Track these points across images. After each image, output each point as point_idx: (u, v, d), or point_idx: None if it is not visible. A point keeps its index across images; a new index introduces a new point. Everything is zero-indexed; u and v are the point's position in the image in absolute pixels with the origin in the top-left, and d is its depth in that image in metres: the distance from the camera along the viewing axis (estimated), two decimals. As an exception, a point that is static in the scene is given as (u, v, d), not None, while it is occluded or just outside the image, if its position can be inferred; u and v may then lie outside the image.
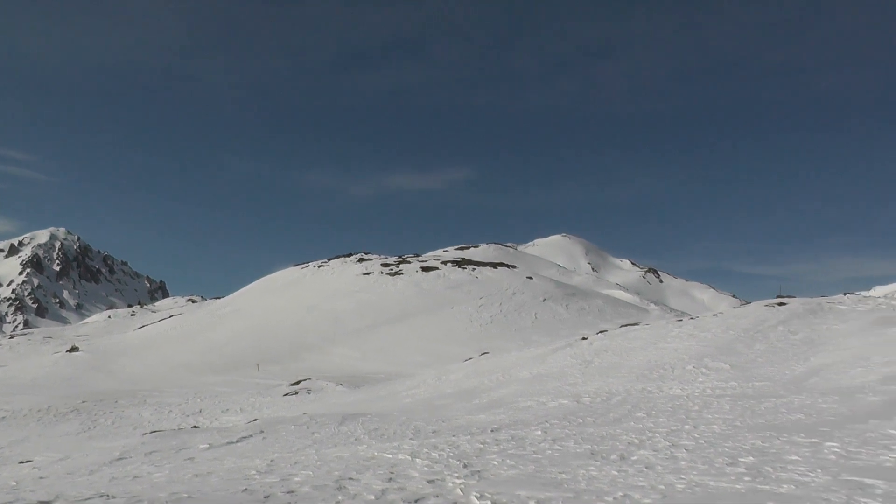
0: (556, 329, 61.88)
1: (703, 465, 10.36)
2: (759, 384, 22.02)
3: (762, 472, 9.59)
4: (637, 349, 32.65)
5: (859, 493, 8.10)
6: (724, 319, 37.60)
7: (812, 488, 8.50)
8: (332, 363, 56.12)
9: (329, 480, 10.24)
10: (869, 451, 10.69)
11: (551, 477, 9.96)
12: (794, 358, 26.82)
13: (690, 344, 31.91)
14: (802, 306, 38.36)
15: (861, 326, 31.56)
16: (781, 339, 31.01)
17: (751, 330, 33.35)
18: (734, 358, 27.81)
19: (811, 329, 32.54)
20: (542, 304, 71.08)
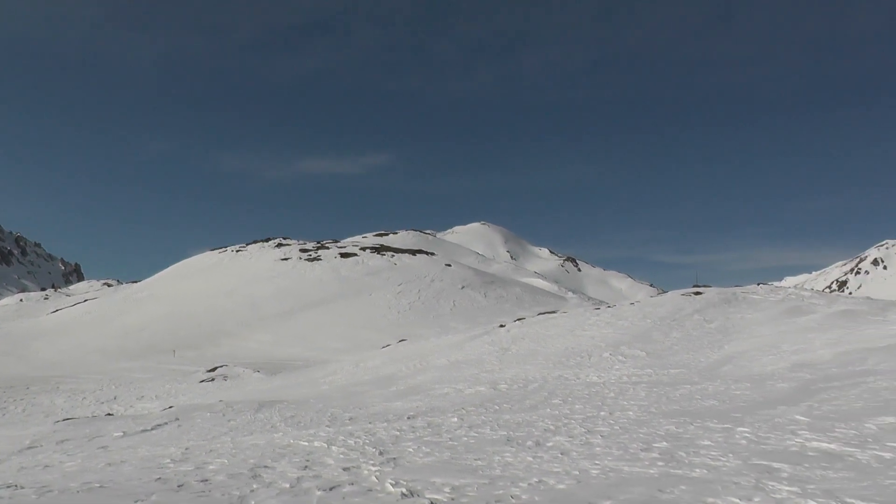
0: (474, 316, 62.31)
1: (618, 451, 10.58)
2: (674, 371, 22.58)
3: (675, 457, 9.85)
4: (554, 337, 33.12)
5: (767, 477, 8.38)
6: (642, 308, 38.41)
7: (723, 472, 8.76)
8: (249, 349, 55.51)
9: (244, 468, 10.15)
10: (777, 436, 11.07)
11: (467, 463, 10.04)
12: (709, 346, 27.59)
13: (607, 332, 32.51)
14: (718, 296, 39.44)
15: (773, 316, 32.63)
16: (697, 328, 31.85)
17: (667, 318, 34.16)
18: (650, 346, 28.45)
19: (726, 318, 33.50)
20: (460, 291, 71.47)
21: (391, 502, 7.85)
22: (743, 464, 9.19)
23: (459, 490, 8.29)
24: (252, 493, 8.48)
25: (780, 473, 8.56)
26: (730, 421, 12.89)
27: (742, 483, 8.09)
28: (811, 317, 30.79)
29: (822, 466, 8.88)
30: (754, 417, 13.14)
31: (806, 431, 11.33)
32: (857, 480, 8.07)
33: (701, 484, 8.15)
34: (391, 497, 8.07)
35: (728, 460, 9.47)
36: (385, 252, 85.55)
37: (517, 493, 8.02)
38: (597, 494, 7.81)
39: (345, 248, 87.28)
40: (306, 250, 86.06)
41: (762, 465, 9.09)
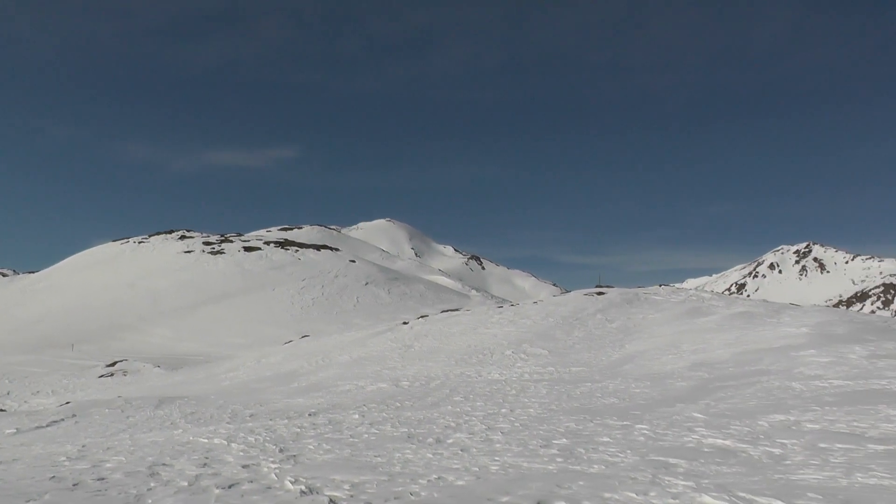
0: (377, 313, 62.23)
1: (518, 448, 10.68)
2: (576, 369, 22.97)
3: (574, 454, 10.00)
4: (457, 334, 33.30)
5: (664, 472, 8.59)
6: (544, 307, 38.96)
7: (621, 468, 8.94)
8: (150, 343, 54.23)
9: (142, 466, 9.88)
10: (675, 433, 11.37)
11: (367, 460, 10.00)
12: (611, 345, 28.16)
13: (510, 330, 32.86)
14: (620, 296, 40.31)
15: (673, 316, 33.52)
16: (599, 327, 32.47)
17: (570, 317, 34.73)
18: (553, 344, 28.88)
19: (627, 318, 34.26)
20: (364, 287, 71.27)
21: (290, 500, 7.74)
22: (640, 460, 9.39)
23: (359, 487, 8.23)
24: (149, 492, 8.25)
25: (676, 469, 8.78)
26: (629, 418, 13.18)
27: (639, 478, 8.26)
28: (710, 318, 31.73)
29: (717, 462, 9.15)
30: (653, 415, 13.47)
31: (702, 428, 11.67)
32: (749, 475, 8.34)
33: (599, 479, 8.29)
34: (290, 495, 7.96)
35: (626, 456, 9.67)
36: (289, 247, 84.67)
37: (416, 490, 8.00)
38: (495, 490, 7.86)
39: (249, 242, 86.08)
40: (210, 243, 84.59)
41: (659, 460, 9.30)
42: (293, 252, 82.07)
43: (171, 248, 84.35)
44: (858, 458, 9.10)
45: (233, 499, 7.88)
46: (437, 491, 7.96)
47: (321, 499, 7.71)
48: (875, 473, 8.23)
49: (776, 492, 7.47)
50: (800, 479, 8.11)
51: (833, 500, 7.10)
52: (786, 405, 13.48)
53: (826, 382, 15.85)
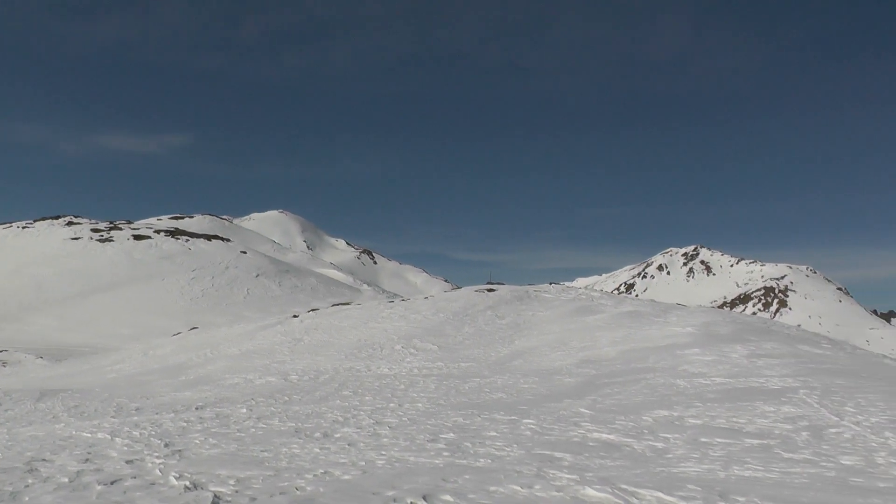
0: (267, 306, 61.52)
1: (405, 442, 10.72)
2: (465, 365, 23.19)
3: (461, 448, 10.10)
4: (348, 328, 33.18)
5: (549, 466, 8.77)
6: (435, 302, 39.18)
7: (507, 462, 9.08)
8: (32, 333, 52.13)
9: (19, 462, 9.47)
10: (561, 428, 11.62)
11: (253, 455, 9.88)
12: (500, 341, 28.53)
13: (401, 325, 32.92)
14: (510, 293, 40.86)
15: (563, 314, 34.17)
16: (489, 323, 32.84)
17: (460, 313, 35.01)
18: (443, 339, 29.07)
19: (517, 314, 34.75)
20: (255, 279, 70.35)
21: (174, 496, 7.58)
22: (526, 453, 9.56)
23: (244, 482, 8.12)
24: (27, 489, 7.94)
25: (561, 462, 8.97)
26: (516, 413, 13.39)
27: (524, 471, 8.41)
28: (599, 316, 32.48)
29: (601, 455, 9.39)
30: (540, 410, 13.72)
31: (588, 423, 11.96)
32: (632, 468, 8.60)
33: (485, 473, 8.39)
34: (174, 490, 7.79)
35: (512, 450, 9.82)
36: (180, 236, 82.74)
37: (302, 485, 7.95)
38: (381, 485, 7.87)
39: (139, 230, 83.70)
40: (98, 230, 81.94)
41: (545, 454, 9.49)
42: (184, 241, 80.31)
43: (58, 234, 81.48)
44: (736, 451, 9.49)
45: (115, 495, 7.67)
46: (323, 485, 7.93)
47: (206, 495, 7.58)
48: (750, 466, 8.61)
49: (657, 484, 7.71)
50: (680, 471, 8.41)
51: (711, 492, 7.37)
52: (670, 401, 13.93)
53: (709, 380, 16.44)
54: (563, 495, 7.35)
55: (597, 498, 7.26)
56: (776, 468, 8.49)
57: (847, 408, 12.43)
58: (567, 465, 8.79)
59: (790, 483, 7.79)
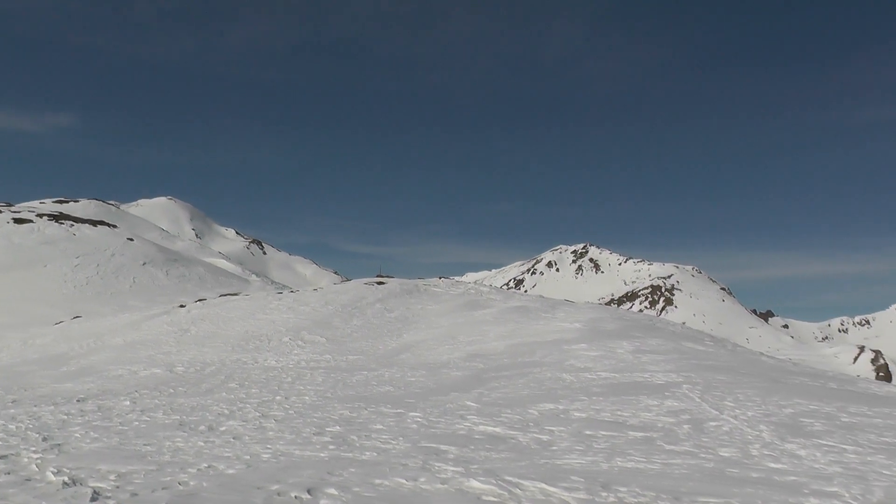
0: (154, 295, 59.84)
1: (291, 435, 10.62)
2: (353, 357, 23.10)
3: (347, 441, 10.06)
4: (235, 319, 32.65)
5: (434, 458, 8.81)
6: (324, 294, 38.92)
7: (392, 455, 9.09)
8: None
9: None
10: (447, 421, 11.70)
11: (136, 449, 9.60)
12: (389, 334, 28.54)
13: (289, 317, 32.58)
14: (400, 286, 40.91)
15: (452, 308, 34.41)
16: (378, 316, 32.81)
17: (349, 306, 34.87)
18: (331, 332, 28.90)
19: (406, 308, 34.83)
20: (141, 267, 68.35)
21: (51, 492, 7.28)
22: (412, 446, 9.59)
23: (125, 477, 7.88)
24: None
25: (446, 455, 9.03)
26: (403, 406, 13.42)
27: (409, 464, 8.43)
28: (488, 311, 32.83)
29: (487, 448, 9.50)
30: (427, 403, 13.79)
31: (475, 416, 12.08)
32: (517, 460, 8.72)
33: (370, 466, 8.38)
34: (51, 487, 7.49)
35: (398, 443, 9.84)
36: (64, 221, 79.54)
37: (185, 480, 7.77)
38: (266, 479, 7.77)
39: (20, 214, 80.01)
40: (-26, 213, 78.07)
41: (430, 447, 9.54)
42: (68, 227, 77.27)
43: (-75, 215, 77.40)
44: (619, 443, 9.75)
45: (-17, 491, 7.34)
46: (207, 480, 7.77)
47: (84, 490, 7.32)
48: (633, 458, 8.85)
49: (542, 475, 7.85)
50: (564, 463, 8.58)
51: (594, 483, 7.55)
52: (556, 395, 14.20)
53: (594, 374, 16.84)
54: (448, 488, 7.40)
55: (481, 490, 7.33)
56: (658, 459, 8.76)
57: (726, 402, 12.92)
58: (452, 458, 8.85)
59: (671, 474, 8.04)
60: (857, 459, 8.87)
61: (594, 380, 16.10)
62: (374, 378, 18.23)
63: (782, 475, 8.03)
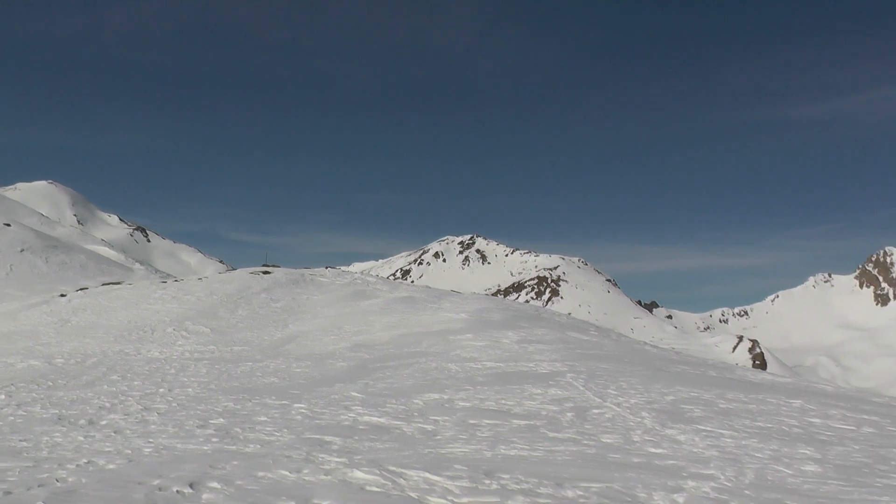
0: (33, 283, 57.39)
1: (174, 428, 10.40)
2: (237, 348, 22.77)
3: (231, 434, 9.93)
4: (118, 309, 31.70)
5: (318, 449, 8.78)
6: (209, 284, 38.17)
7: (276, 447, 9.01)
8: None
9: None
10: (332, 411, 11.67)
11: (10, 445, 9.24)
12: (274, 324, 28.22)
13: (173, 306, 31.84)
14: (286, 276, 40.48)
15: (338, 298, 34.26)
16: (263, 306, 32.40)
17: (234, 296, 34.32)
18: (216, 322, 28.39)
19: (293, 298, 34.49)
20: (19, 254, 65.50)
21: None
22: (296, 438, 9.53)
23: None
24: None
25: (331, 446, 9.01)
26: (288, 397, 13.32)
27: (294, 456, 8.38)
28: (374, 301, 32.81)
29: (371, 438, 9.52)
30: (312, 394, 13.71)
31: (359, 407, 12.08)
32: (401, 450, 8.77)
33: (254, 459, 8.29)
34: None
35: (282, 435, 9.76)
36: (-72, 205, 75.67)
37: (63, 476, 7.52)
38: (147, 473, 7.59)
39: None
40: None
41: (315, 438, 9.50)
42: (-66, 212, 73.57)
43: None
44: (503, 432, 9.91)
45: None
46: (86, 476, 7.54)
47: (-50, 489, 7.01)
48: (516, 445, 9.02)
49: (425, 465, 7.91)
50: (448, 452, 8.67)
51: (477, 471, 7.65)
52: (441, 385, 14.32)
53: (480, 364, 17.04)
54: (332, 479, 7.38)
55: (365, 480, 7.34)
56: (541, 447, 8.94)
57: (610, 390, 13.29)
58: (336, 449, 8.84)
59: (553, 460, 8.23)
60: (733, 443, 9.29)
61: (479, 369, 16.30)
62: (259, 369, 18.01)
63: (662, 459, 8.34)
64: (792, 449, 9.08)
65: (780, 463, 8.32)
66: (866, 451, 9.25)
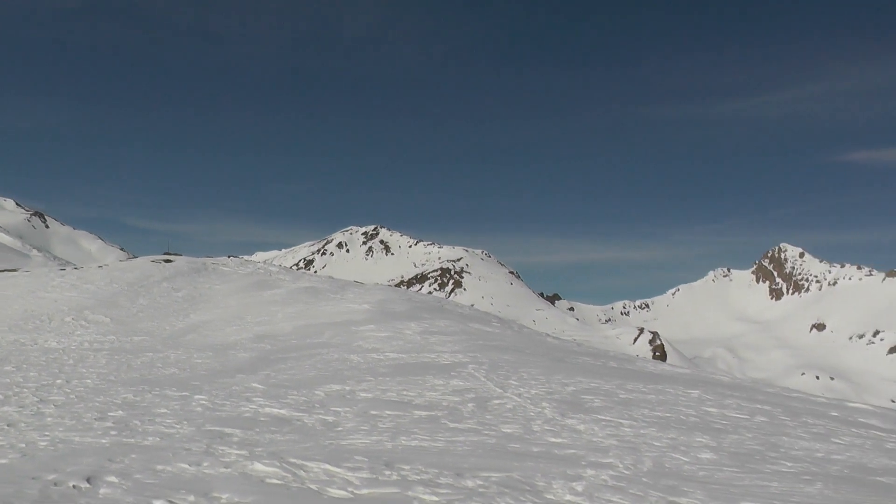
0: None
1: (71, 421, 10.11)
2: (138, 339, 22.24)
3: (130, 426, 9.71)
4: (13, 298, 30.54)
5: (219, 442, 8.67)
6: (110, 272, 37.14)
7: (176, 439, 8.86)
8: None
9: None
10: (233, 403, 11.53)
11: None
12: (176, 314, 27.66)
13: (72, 295, 30.88)
14: (188, 265, 39.70)
15: (240, 287, 33.79)
16: (165, 295, 31.72)
17: (135, 284, 33.49)
18: (116, 311, 27.66)
19: (194, 287, 33.86)
20: None
21: None
22: (197, 430, 9.39)
23: None
24: None
25: (231, 438, 8.92)
26: (189, 389, 13.10)
27: (193, 449, 8.26)
28: (277, 291, 32.49)
29: (272, 430, 9.46)
30: (213, 385, 13.52)
31: (261, 398, 11.98)
32: (302, 442, 8.74)
33: (153, 451, 8.15)
34: None
35: (182, 427, 9.61)
36: None
37: (-51, 472, 7.26)
38: (42, 468, 7.38)
39: None
40: None
41: (215, 430, 9.38)
42: None
43: None
44: (404, 423, 9.98)
45: None
46: (-24, 471, 7.30)
47: None
48: (417, 436, 9.09)
49: (326, 456, 7.91)
50: (349, 443, 8.68)
51: (377, 462, 7.68)
52: (342, 376, 14.30)
53: (382, 355, 17.07)
54: (232, 471, 7.32)
55: (265, 473, 7.30)
56: (442, 437, 9.04)
57: (511, 381, 13.49)
58: (237, 441, 8.76)
59: (454, 451, 8.33)
60: (632, 432, 9.56)
61: (382, 360, 16.33)
62: (159, 360, 17.64)
63: (562, 449, 8.53)
64: (689, 437, 9.43)
65: (677, 451, 8.63)
66: (759, 438, 9.69)
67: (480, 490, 6.74)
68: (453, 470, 7.42)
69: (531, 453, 8.27)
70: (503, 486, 6.88)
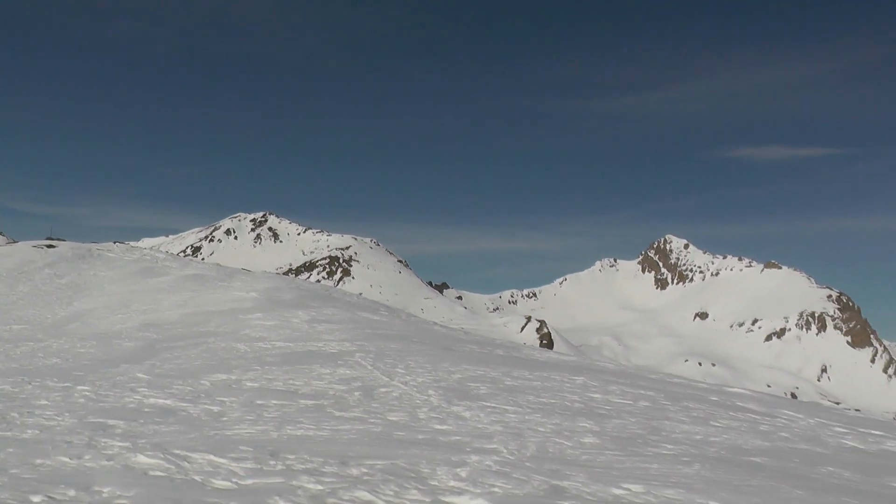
0: None
1: (-57, 414, 9.65)
2: (17, 327, 21.34)
3: (7, 419, 9.29)
4: None
5: (101, 434, 8.39)
6: (-12, 258, 35.54)
7: (57, 432, 8.53)
8: None
9: None
10: (117, 394, 11.19)
11: None
12: (58, 302, 26.65)
13: (-54, 282, 29.43)
14: (72, 251, 38.27)
15: (126, 274, 32.81)
16: (47, 283, 30.53)
17: (15, 271, 32.14)
18: (-5, 299, 26.50)
19: (78, 274, 32.68)
20: None
21: None
22: (79, 422, 9.08)
23: None
24: None
25: (114, 430, 8.65)
26: (71, 379, 12.64)
27: (75, 441, 7.98)
28: (163, 278, 31.67)
29: (156, 421, 9.22)
30: (96, 375, 13.09)
31: (146, 389, 11.66)
32: (186, 433, 8.55)
33: (31, 445, 7.83)
34: None
35: (64, 419, 9.27)
36: None
37: None
38: (-89, 463, 7.02)
39: None
40: None
41: (98, 422, 9.08)
42: None
43: None
44: (291, 412, 9.87)
45: None
46: None
47: None
48: (303, 426, 9.01)
49: (210, 447, 7.76)
50: (234, 433, 8.54)
51: (262, 452, 7.58)
52: (229, 365, 14.05)
53: (269, 344, 16.84)
54: (114, 464, 7.10)
55: (148, 465, 7.11)
56: (327, 426, 8.98)
57: (398, 369, 13.50)
58: (120, 433, 8.50)
59: (339, 439, 8.29)
60: (517, 418, 9.71)
61: (269, 349, 16.13)
62: (40, 349, 16.96)
63: (447, 435, 8.60)
64: (573, 423, 9.64)
65: (560, 436, 8.82)
66: (641, 423, 9.99)
67: (365, 478, 6.73)
68: (338, 458, 7.39)
69: (416, 440, 8.31)
70: (388, 473, 6.90)
